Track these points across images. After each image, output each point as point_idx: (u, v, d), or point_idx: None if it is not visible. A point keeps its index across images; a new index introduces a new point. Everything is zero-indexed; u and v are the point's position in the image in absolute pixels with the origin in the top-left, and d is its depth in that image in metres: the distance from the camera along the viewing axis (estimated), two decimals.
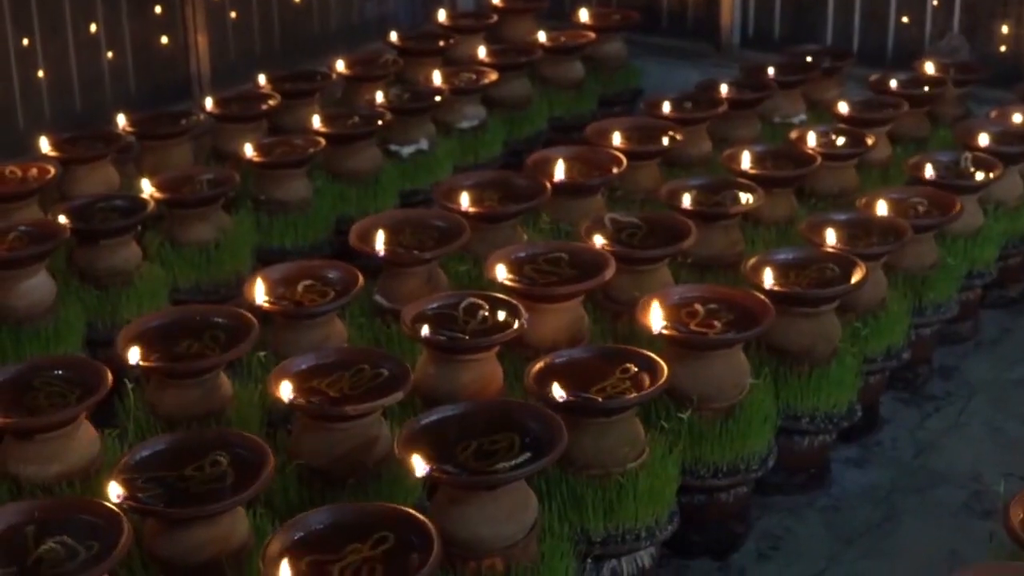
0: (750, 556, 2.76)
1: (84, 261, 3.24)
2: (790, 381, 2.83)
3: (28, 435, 2.45)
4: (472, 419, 2.36)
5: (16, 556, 2.09)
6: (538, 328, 2.78)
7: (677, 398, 2.63)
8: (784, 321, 2.81)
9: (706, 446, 2.65)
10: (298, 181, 3.66)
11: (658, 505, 2.50)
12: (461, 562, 2.25)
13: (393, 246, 3.05)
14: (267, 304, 2.80)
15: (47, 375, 2.58)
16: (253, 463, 2.29)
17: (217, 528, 2.23)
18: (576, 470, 2.46)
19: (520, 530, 2.26)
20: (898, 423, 3.21)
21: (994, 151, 3.57)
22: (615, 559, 2.52)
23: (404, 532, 2.09)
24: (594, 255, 2.92)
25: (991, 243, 3.48)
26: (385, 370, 2.54)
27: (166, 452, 2.34)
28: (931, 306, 3.26)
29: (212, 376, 2.64)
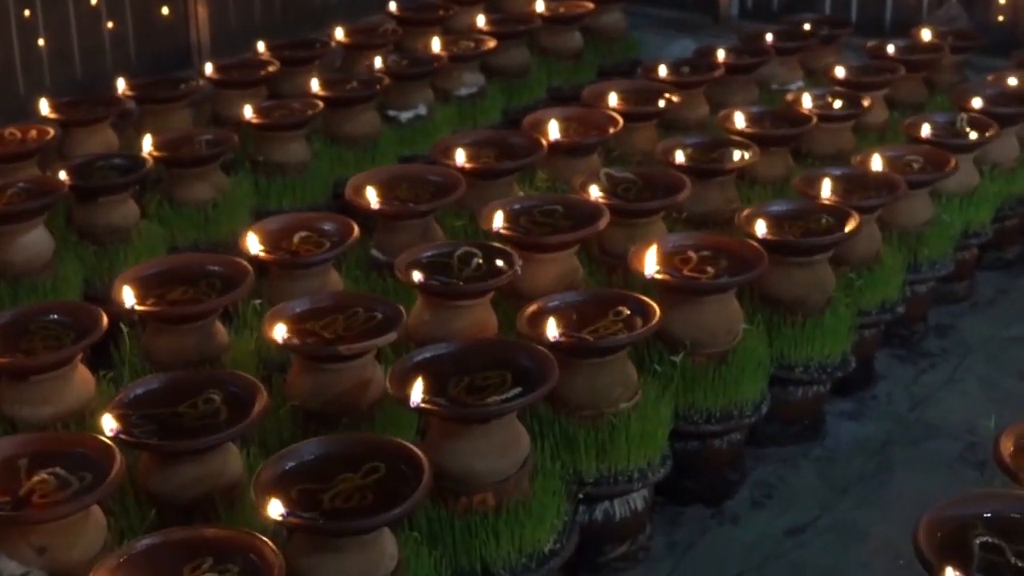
0: (744, 504, 2.77)
1: (83, 219, 3.26)
2: (784, 331, 2.84)
3: (23, 376, 2.46)
4: (464, 357, 2.37)
5: (9, 487, 2.10)
6: (532, 278, 2.79)
7: (670, 344, 2.64)
8: (778, 271, 2.82)
9: (699, 392, 2.66)
10: (296, 143, 3.67)
11: (650, 447, 2.51)
12: (453, 497, 2.26)
13: (389, 200, 3.06)
14: (262, 254, 2.81)
15: (43, 319, 2.59)
16: (246, 401, 2.30)
17: (209, 464, 2.25)
18: (569, 411, 2.47)
19: (512, 465, 2.27)
20: (893, 378, 3.22)
21: (990, 112, 3.57)
22: (608, 501, 2.52)
23: (395, 462, 2.11)
24: (589, 207, 2.93)
25: (987, 203, 3.49)
26: (379, 313, 2.55)
27: (160, 390, 2.35)
28: (926, 262, 3.27)
29: (207, 322, 2.65)
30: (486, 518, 2.24)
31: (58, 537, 2.06)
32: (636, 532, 2.59)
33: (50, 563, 2.05)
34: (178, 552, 1.92)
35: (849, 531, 2.67)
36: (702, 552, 2.64)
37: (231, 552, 1.91)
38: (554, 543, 2.32)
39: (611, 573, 2.57)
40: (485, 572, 2.26)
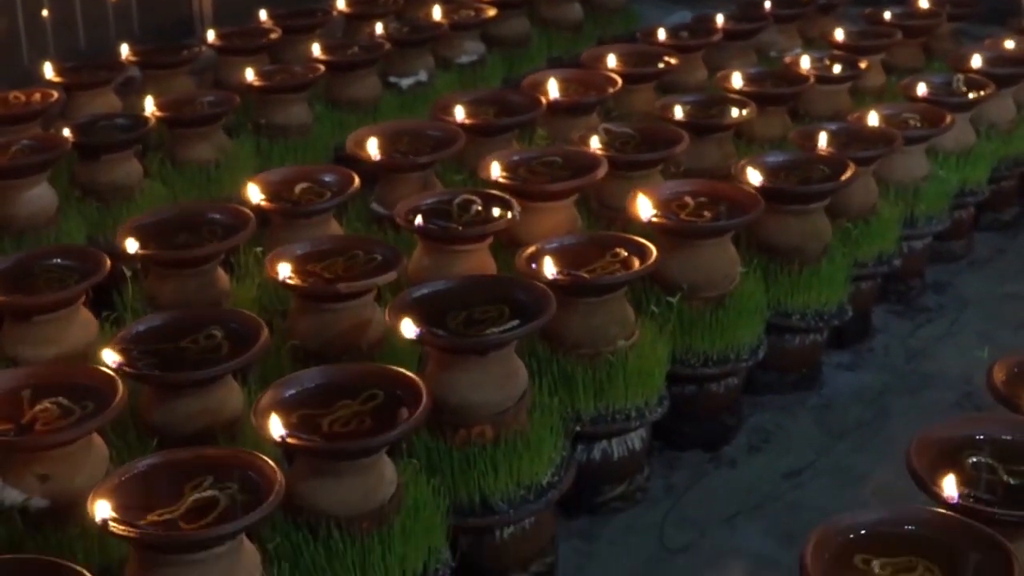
0: (741, 449, 2.80)
1: (86, 176, 3.28)
2: (780, 279, 2.86)
3: (26, 316, 2.48)
4: (462, 292, 2.39)
5: (12, 416, 2.13)
6: (531, 227, 2.80)
7: (667, 287, 2.67)
8: (774, 219, 2.84)
9: (696, 335, 2.68)
10: (298, 107, 3.70)
11: (648, 387, 2.53)
12: (451, 430, 2.28)
13: (389, 154, 3.09)
14: (264, 203, 2.84)
15: (47, 263, 2.62)
16: (247, 337, 2.32)
17: (210, 397, 2.27)
18: (566, 350, 2.49)
19: (510, 398, 2.29)
20: (890, 332, 3.24)
21: (986, 72, 3.60)
22: (605, 440, 2.55)
23: (394, 389, 2.13)
24: (588, 158, 2.95)
25: (983, 162, 3.52)
26: (378, 255, 2.58)
27: (162, 327, 2.38)
28: (923, 218, 3.29)
29: (209, 268, 2.67)
30: (484, 450, 2.27)
31: (60, 465, 2.09)
32: (634, 472, 2.61)
33: (52, 491, 2.08)
34: (178, 471, 1.94)
35: (845, 474, 2.70)
36: (699, 494, 2.66)
37: (230, 470, 1.94)
38: (552, 476, 2.34)
39: (609, 513, 2.60)
40: (483, 504, 2.28)
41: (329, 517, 2.04)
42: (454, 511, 2.24)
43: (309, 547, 2.05)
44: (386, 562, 2.06)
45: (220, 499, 1.89)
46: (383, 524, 2.07)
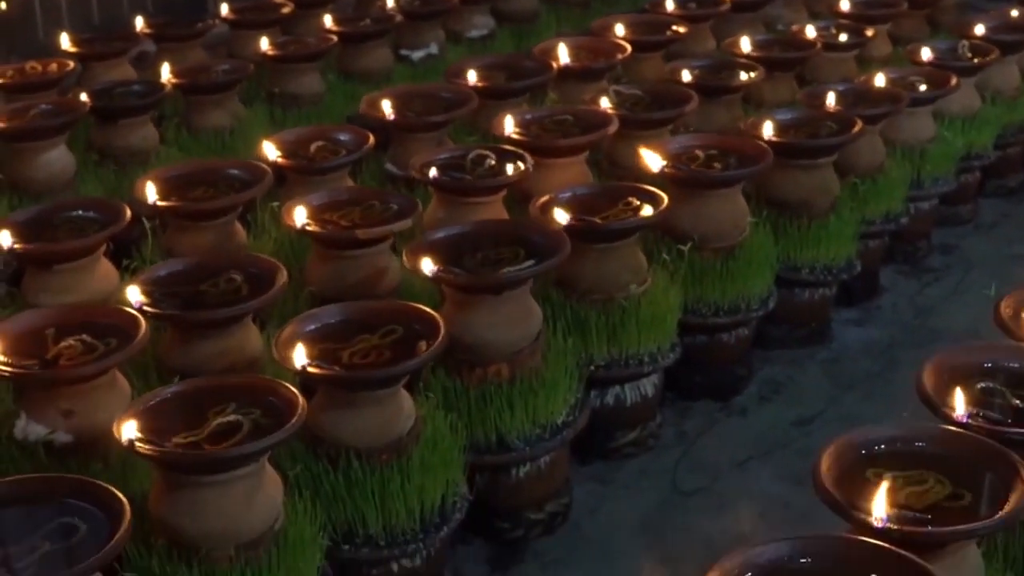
0: (752, 399, 2.84)
1: (102, 141, 3.32)
2: (790, 232, 2.90)
3: (47, 265, 2.52)
4: (478, 236, 2.44)
5: (36, 352, 2.17)
6: (543, 183, 2.83)
7: (678, 238, 2.70)
8: (783, 174, 2.88)
9: (707, 285, 2.72)
10: (310, 76, 3.75)
11: (660, 333, 2.57)
12: (468, 369, 2.32)
13: (403, 115, 3.13)
14: (280, 160, 2.88)
15: (67, 215, 2.67)
16: (266, 280, 2.36)
17: (230, 339, 2.31)
18: (579, 295, 2.53)
19: (525, 338, 2.33)
20: (898, 291, 3.28)
21: (991, 39, 3.64)
22: (619, 386, 2.59)
23: (412, 324, 2.17)
24: (598, 116, 3.00)
25: (988, 126, 3.55)
26: (394, 205, 2.62)
27: (183, 272, 2.41)
28: (929, 179, 3.33)
29: (227, 220, 2.71)
30: (500, 389, 2.31)
31: (84, 401, 2.13)
32: (647, 419, 2.65)
33: (76, 426, 2.12)
34: (202, 399, 1.98)
35: (855, 422, 2.67)
36: (711, 440, 2.70)
37: (253, 397, 1.97)
38: (567, 416, 2.38)
39: (622, 459, 2.63)
40: (500, 442, 2.32)
41: (349, 448, 2.08)
42: (471, 449, 2.28)
43: (329, 477, 2.09)
44: (405, 492, 2.10)
45: (243, 423, 1.93)
46: (402, 455, 2.11)
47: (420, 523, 2.13)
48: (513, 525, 2.41)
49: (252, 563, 1.90)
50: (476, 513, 2.34)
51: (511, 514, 2.40)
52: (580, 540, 2.42)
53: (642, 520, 2.47)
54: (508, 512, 2.40)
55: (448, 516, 2.16)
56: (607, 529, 2.45)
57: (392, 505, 2.10)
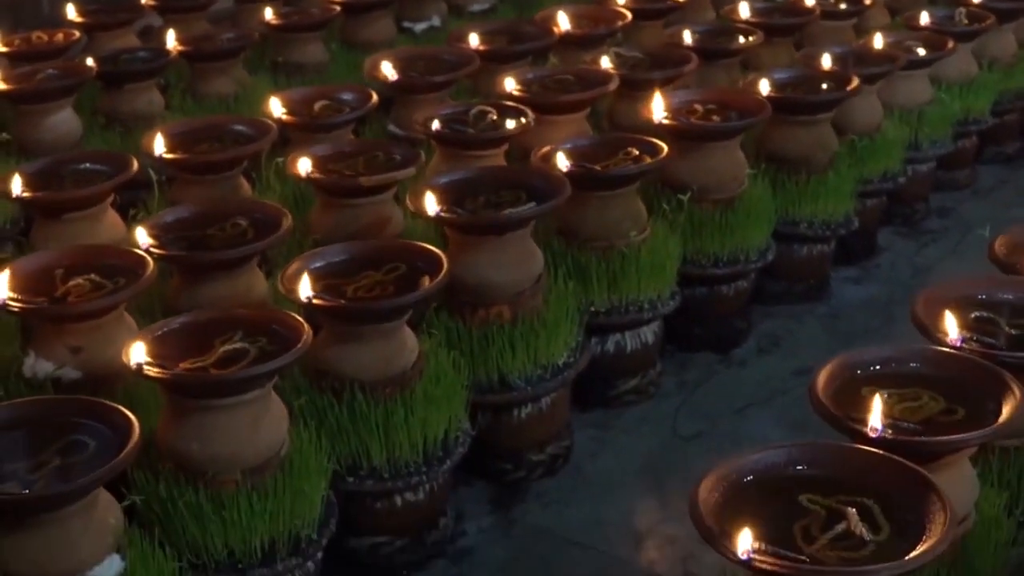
0: (751, 351, 2.87)
1: (109, 105, 3.36)
2: (788, 187, 2.93)
3: (56, 214, 2.54)
4: (480, 181, 2.48)
5: (45, 291, 2.20)
6: (544, 139, 2.85)
7: (677, 190, 2.74)
8: (781, 130, 2.92)
9: (706, 236, 2.75)
10: (314, 45, 3.79)
11: (660, 280, 2.60)
12: (470, 310, 2.35)
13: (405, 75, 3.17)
14: (284, 117, 2.91)
15: (75, 167, 2.70)
16: (272, 225, 2.39)
17: (236, 282, 2.33)
18: (581, 243, 2.56)
19: (527, 279, 2.37)
20: (896, 251, 3.32)
21: (988, 7, 3.67)
22: (619, 333, 2.62)
23: (415, 262, 2.21)
24: (599, 75, 3.04)
25: (985, 92, 3.59)
26: (398, 155, 2.65)
27: (189, 218, 2.45)
28: (927, 141, 3.37)
29: (232, 175, 2.73)
30: (502, 329, 2.34)
31: (92, 337, 2.16)
32: (647, 367, 2.68)
33: (84, 363, 2.15)
34: (209, 328, 2.02)
35: None
36: (711, 389, 2.73)
37: (259, 326, 2.01)
38: (568, 358, 2.41)
39: (623, 406, 2.66)
40: (502, 381, 2.35)
41: (353, 381, 2.12)
42: (473, 388, 2.30)
43: (334, 410, 2.12)
44: (408, 425, 2.13)
45: (249, 350, 1.97)
46: (405, 389, 2.14)
47: (423, 456, 2.16)
48: (515, 466, 2.44)
49: (258, 488, 1.93)
50: (478, 455, 2.38)
51: (513, 455, 2.44)
52: (581, 481, 2.45)
53: (642, 463, 2.50)
54: (510, 453, 2.44)
55: (451, 450, 2.20)
56: (608, 471, 2.48)
57: (396, 438, 2.13)
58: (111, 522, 1.77)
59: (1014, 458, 1.94)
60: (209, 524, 1.91)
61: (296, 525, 1.97)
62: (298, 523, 1.97)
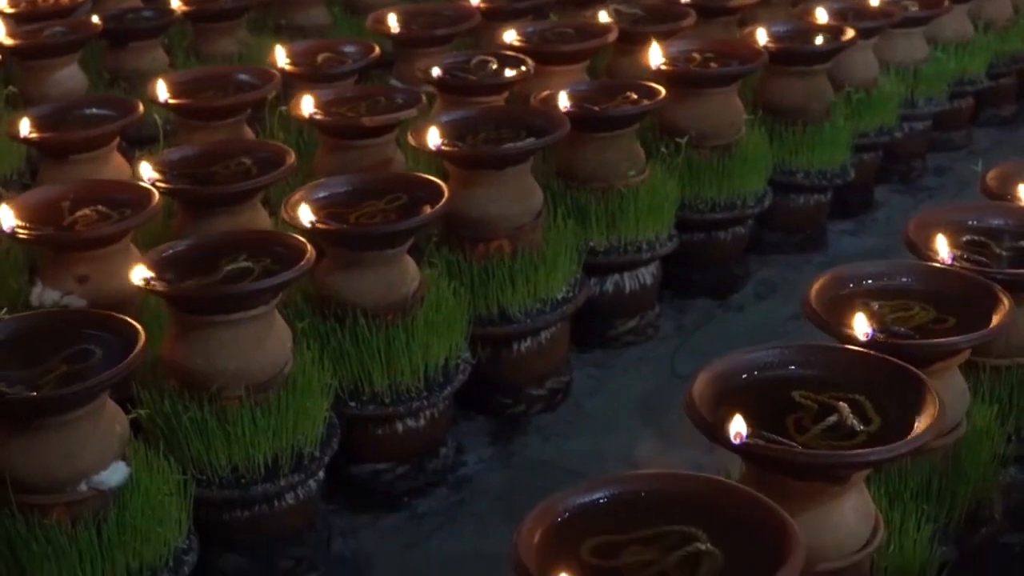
0: (748, 297, 2.91)
1: (113, 63, 3.41)
2: (785, 138, 2.97)
3: (63, 155, 2.58)
4: (481, 118, 2.52)
5: (52, 221, 2.24)
6: (543, 89, 2.91)
7: (675, 136, 2.77)
8: (778, 80, 2.97)
9: (704, 182, 2.79)
10: (317, 8, 3.83)
11: (658, 221, 2.64)
12: (470, 244, 2.39)
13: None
14: (288, 67, 2.95)
15: (81, 111, 2.74)
16: (275, 163, 2.42)
17: (239, 218, 2.35)
18: (580, 184, 2.60)
19: (526, 213, 2.40)
20: (893, 206, 3.36)
21: None
22: (618, 273, 2.65)
23: (416, 192, 2.24)
24: (599, 27, 3.08)
25: (981, 52, 3.64)
26: (400, 99, 2.69)
27: (194, 156, 2.48)
28: (923, 98, 3.41)
29: (236, 120, 2.77)
30: (503, 263, 2.38)
31: (98, 266, 2.19)
32: (645, 308, 2.72)
33: (90, 292, 2.17)
34: (214, 250, 2.06)
35: None
36: (709, 332, 2.77)
37: (263, 247, 2.05)
38: (566, 292, 2.45)
39: (621, 347, 2.70)
40: (502, 315, 2.39)
41: (355, 307, 2.15)
42: (473, 322, 2.34)
43: (336, 335, 2.16)
44: (410, 350, 2.17)
45: (254, 268, 2.00)
46: (407, 315, 2.18)
47: (424, 382, 2.19)
48: (515, 400, 2.48)
49: (262, 404, 1.96)
50: (478, 389, 2.42)
51: (512, 389, 2.47)
52: (580, 416, 2.49)
53: (640, 400, 2.53)
54: (509, 387, 2.47)
55: (452, 376, 2.23)
56: (606, 407, 2.51)
57: (397, 363, 2.17)
58: (117, 430, 1.80)
59: (1005, 377, 1.97)
60: (213, 439, 1.95)
61: (299, 442, 2.00)
62: (301, 440, 2.00)
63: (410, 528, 2.21)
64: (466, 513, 2.24)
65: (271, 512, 2.03)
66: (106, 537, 1.75)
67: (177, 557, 1.84)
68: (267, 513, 2.03)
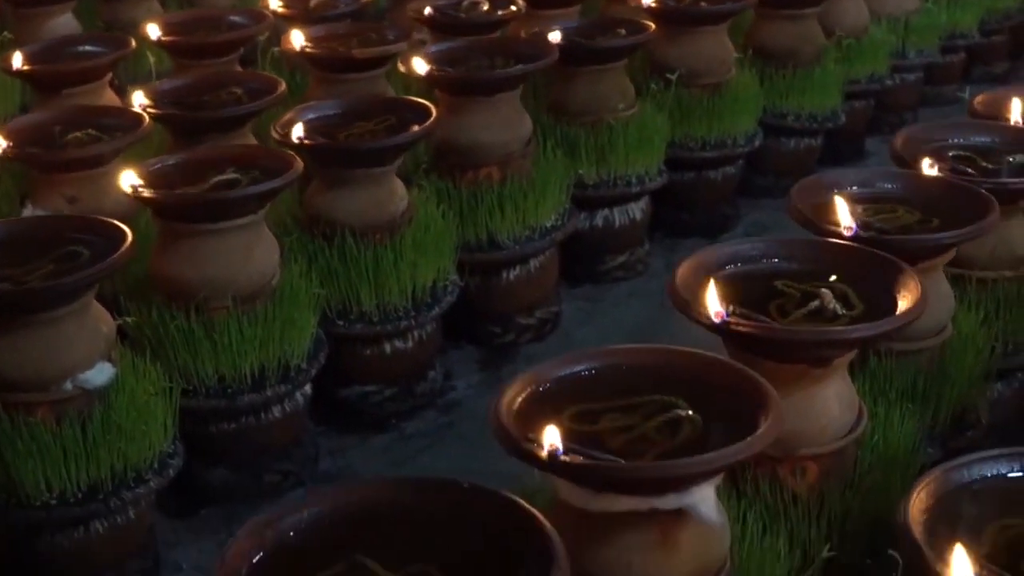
0: (738, 237, 2.90)
1: (109, 15, 3.41)
2: (775, 81, 2.98)
3: (54, 88, 2.58)
4: (470, 48, 2.54)
5: (43, 143, 2.25)
6: None
7: (665, 73, 2.78)
8: (768, 24, 2.98)
9: (694, 120, 2.79)
10: None
11: (648, 155, 2.64)
12: (460, 171, 2.40)
13: None
14: (280, 8, 2.96)
15: (73, 48, 2.75)
16: (266, 92, 2.44)
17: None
18: (570, 118, 2.61)
19: (516, 140, 2.42)
20: (883, 156, 3.28)
21: None
22: (608, 208, 2.66)
23: (405, 114, 2.25)
24: None
25: (972, 5, 3.66)
26: (391, 35, 2.70)
27: (185, 86, 2.50)
28: (914, 50, 3.43)
29: (228, 60, 2.77)
30: (492, 190, 2.38)
31: (88, 188, 2.20)
32: (635, 244, 2.73)
33: (79, 212, 2.17)
34: (203, 163, 2.07)
35: None
36: None
37: (251, 161, 2.06)
38: (555, 220, 2.45)
39: (611, 282, 2.71)
40: (490, 241, 2.39)
41: (344, 226, 2.16)
42: (462, 248, 2.35)
43: (325, 253, 2.16)
44: (398, 269, 2.18)
45: (241, 179, 2.01)
46: (395, 235, 2.18)
47: (412, 301, 2.20)
48: (504, 329, 2.48)
49: (249, 314, 1.97)
50: (467, 319, 2.42)
51: (502, 318, 2.47)
52: (570, 346, 2.48)
53: (630, 331, 2.54)
54: (499, 316, 2.47)
55: (440, 297, 2.24)
56: (596, 338, 2.51)
57: (385, 282, 2.17)
58: (103, 330, 1.81)
59: (991, 290, 1.98)
60: (200, 348, 1.96)
61: (286, 353, 2.01)
62: (288, 351, 2.01)
63: (398, 448, 2.22)
64: (454, 435, 2.25)
65: (258, 425, 2.04)
66: (91, 436, 1.75)
67: (162, 460, 1.84)
68: (254, 426, 2.04)
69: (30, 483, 1.74)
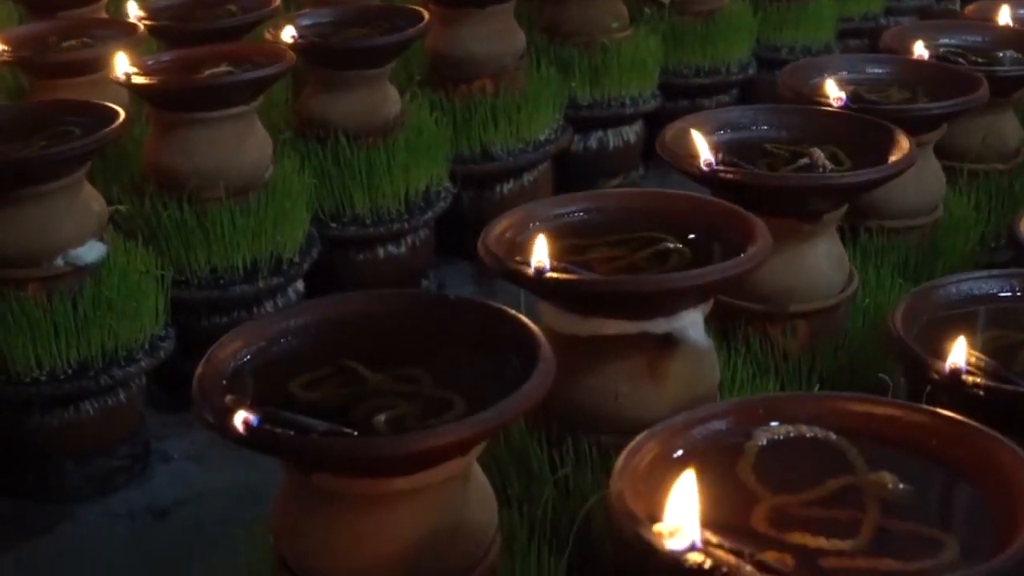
0: None
1: None
2: (769, 12, 2.99)
3: (51, 10, 2.59)
4: None
5: (39, 50, 2.25)
6: None
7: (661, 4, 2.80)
8: None
9: (688, 47, 2.80)
10: None
11: (641, 77, 2.65)
12: (452, 84, 2.40)
13: None
14: None
15: None
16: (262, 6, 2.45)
17: None
18: (563, 39, 2.61)
19: (510, 54, 2.42)
20: None
21: None
22: (601, 129, 2.67)
23: (399, 21, 2.25)
24: None
25: None
26: None
27: (180, 3, 2.50)
28: None
29: None
30: (485, 102, 2.39)
31: (83, 95, 2.17)
32: (629, 167, 2.73)
33: None
34: (197, 60, 2.07)
35: None
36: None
37: (245, 56, 2.07)
38: (549, 135, 2.46)
39: None
40: (484, 154, 2.40)
41: (337, 128, 2.16)
42: (456, 160, 2.36)
43: (318, 155, 2.17)
44: (391, 172, 2.18)
45: (235, 72, 2.01)
46: (388, 138, 2.19)
47: (405, 205, 2.20)
48: None
49: (241, 205, 1.98)
50: (461, 235, 2.41)
51: None
52: None
53: None
54: None
55: (433, 202, 2.24)
56: None
57: (378, 185, 2.18)
58: (95, 208, 1.81)
59: (982, 183, 1.98)
60: (192, 238, 1.96)
61: (278, 245, 2.01)
62: (280, 243, 2.01)
63: None
64: None
65: (251, 319, 2.03)
66: (82, 312, 1.76)
67: (153, 343, 1.84)
68: (247, 320, 2.03)
69: (20, 360, 1.74)
